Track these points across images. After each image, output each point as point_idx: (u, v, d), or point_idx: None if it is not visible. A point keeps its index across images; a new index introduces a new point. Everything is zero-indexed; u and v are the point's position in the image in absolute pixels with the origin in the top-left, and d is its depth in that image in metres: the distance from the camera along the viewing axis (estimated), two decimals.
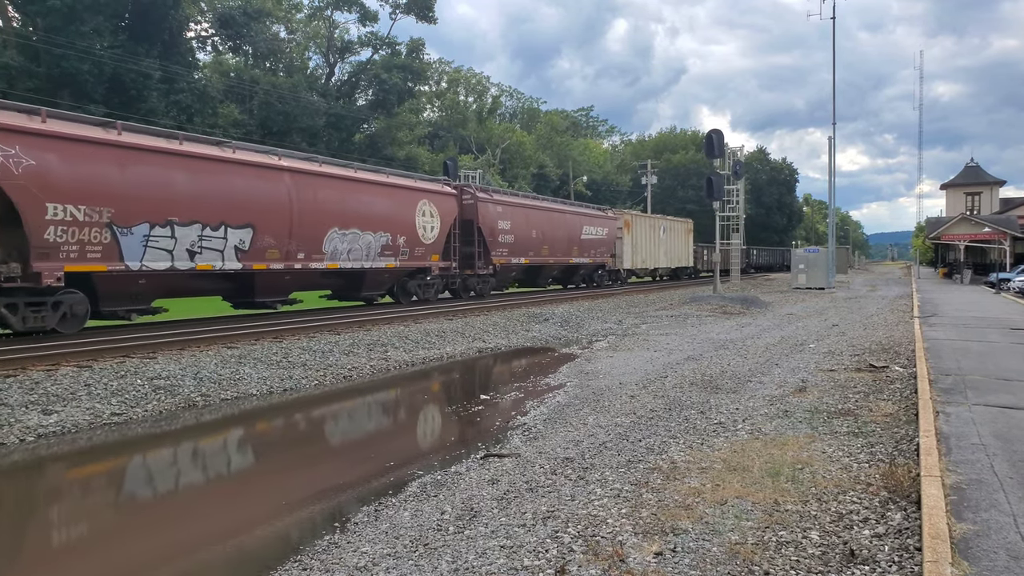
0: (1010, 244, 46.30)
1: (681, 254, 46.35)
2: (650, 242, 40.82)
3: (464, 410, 10.91)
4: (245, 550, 6.06)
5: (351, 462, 8.69)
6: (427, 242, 23.10)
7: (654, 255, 41.54)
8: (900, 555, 4.59)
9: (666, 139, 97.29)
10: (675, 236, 44.96)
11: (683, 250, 46.64)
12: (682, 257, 46.55)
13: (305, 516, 6.73)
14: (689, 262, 48.08)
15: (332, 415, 11.27)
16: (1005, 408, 8.29)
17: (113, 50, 35.76)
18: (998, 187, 67.24)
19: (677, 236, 45.33)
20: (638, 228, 39.32)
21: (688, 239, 47.63)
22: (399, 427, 10.61)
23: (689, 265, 48.37)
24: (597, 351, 16.43)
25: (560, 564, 4.62)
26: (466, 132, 68.34)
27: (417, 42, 52.92)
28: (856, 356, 13.67)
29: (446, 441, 9.37)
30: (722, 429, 8.18)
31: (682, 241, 46.43)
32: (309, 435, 10.01)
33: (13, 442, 8.52)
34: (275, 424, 10.55)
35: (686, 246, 47.25)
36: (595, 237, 34.31)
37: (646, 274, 42.41)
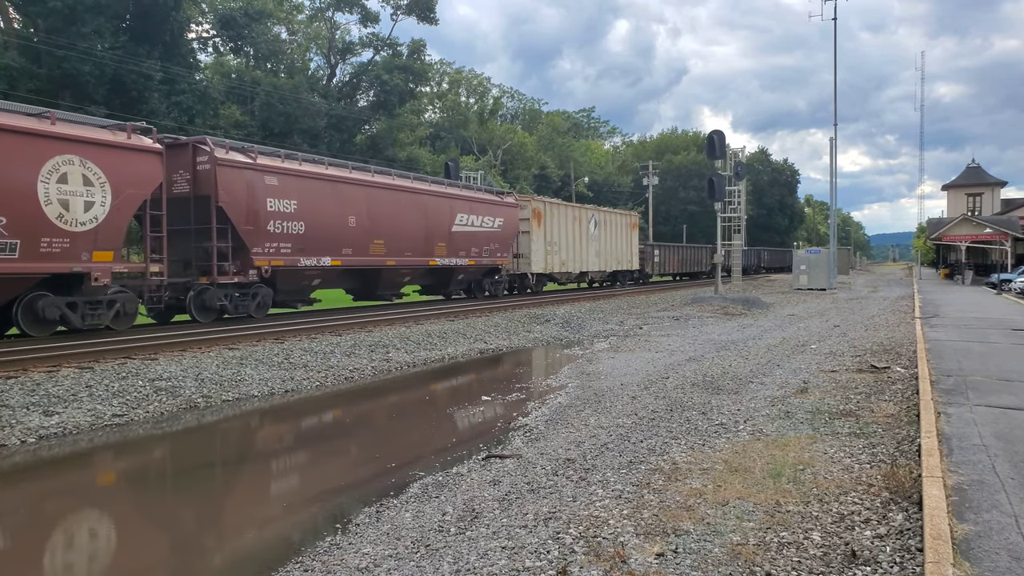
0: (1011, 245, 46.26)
1: (621, 254, 37.63)
2: (574, 239, 32.45)
3: (465, 411, 10.91)
4: (246, 551, 6.06)
5: (352, 463, 8.69)
6: (74, 229, 13.53)
7: (580, 255, 33.08)
8: (902, 556, 4.59)
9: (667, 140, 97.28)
10: (612, 232, 36.39)
11: (624, 249, 37.98)
12: (623, 258, 37.81)
13: (306, 517, 6.74)
14: (633, 264, 39.20)
15: (333, 416, 11.28)
16: (1006, 409, 8.28)
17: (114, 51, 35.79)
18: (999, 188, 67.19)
19: (615, 232, 36.74)
20: (555, 220, 30.98)
21: (631, 236, 39.03)
22: (400, 428, 10.61)
23: (634, 268, 39.70)
24: (598, 352, 16.42)
25: (562, 565, 4.62)
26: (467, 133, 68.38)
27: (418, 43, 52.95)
28: (858, 357, 13.66)
29: (447, 442, 9.36)
30: (723, 430, 8.17)
31: (623, 238, 37.71)
32: (310, 436, 10.01)
33: (14, 443, 8.52)
34: (276, 425, 10.55)
35: (628, 244, 38.50)
36: (481, 230, 25.58)
37: (569, 279, 33.68)
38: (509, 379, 13.67)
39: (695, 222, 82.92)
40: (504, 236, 27.10)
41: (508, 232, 27.33)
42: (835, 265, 41.08)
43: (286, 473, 8.27)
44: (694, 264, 51.58)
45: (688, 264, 50.38)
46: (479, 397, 11.78)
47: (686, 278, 51.59)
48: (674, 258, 48.13)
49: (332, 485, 7.78)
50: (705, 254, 53.78)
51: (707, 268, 51.81)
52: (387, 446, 9.65)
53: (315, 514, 6.80)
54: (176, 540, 6.31)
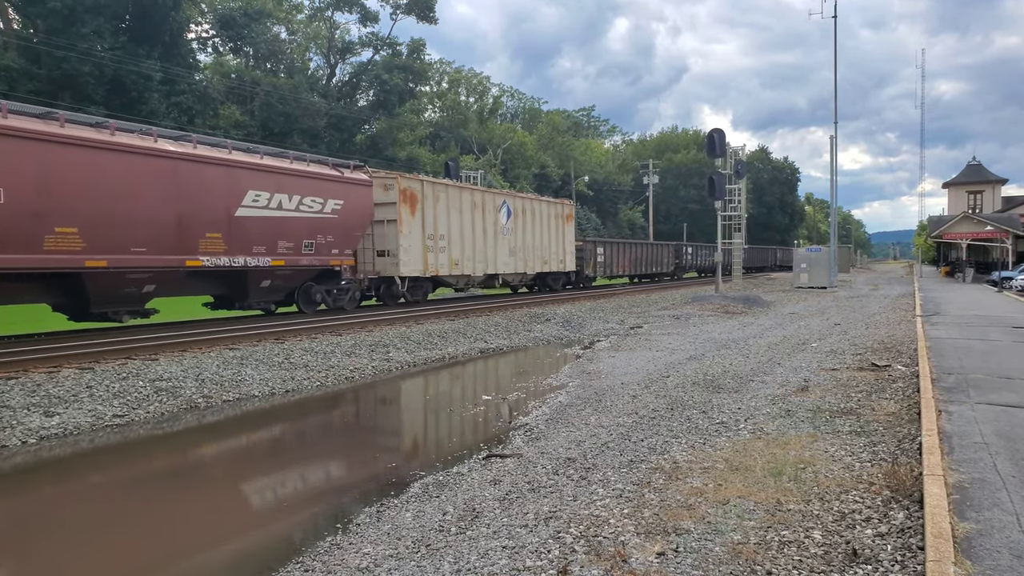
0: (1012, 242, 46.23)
1: (549, 252, 30.10)
2: (474, 232, 25.02)
3: (466, 411, 10.91)
4: (246, 551, 6.06)
5: (353, 463, 8.69)
6: None
7: (485, 253, 25.61)
8: (903, 554, 4.58)
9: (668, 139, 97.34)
10: (535, 225, 28.93)
11: (553, 246, 30.47)
12: (551, 257, 30.30)
13: (307, 517, 6.74)
14: (567, 264, 31.78)
15: (334, 416, 11.27)
16: (1008, 407, 8.27)
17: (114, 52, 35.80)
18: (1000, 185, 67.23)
19: (540, 225, 29.31)
20: (440, 206, 23.26)
21: (564, 230, 31.42)
22: (401, 428, 10.61)
23: (568, 270, 32.22)
24: (599, 351, 16.42)
25: (562, 564, 4.61)
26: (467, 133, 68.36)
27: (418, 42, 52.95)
28: (858, 355, 13.65)
29: (448, 441, 9.36)
30: (724, 429, 8.17)
31: (551, 233, 30.39)
32: (311, 436, 10.01)
33: (15, 444, 8.53)
34: (277, 425, 10.55)
35: (560, 240, 31.04)
36: (297, 216, 17.77)
37: (471, 284, 26.39)
38: (509, 378, 13.66)
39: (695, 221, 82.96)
40: (344, 225, 19.06)
41: (352, 220, 19.34)
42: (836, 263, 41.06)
43: (287, 473, 8.27)
44: (653, 264, 44.01)
45: (644, 264, 42.50)
46: (480, 396, 11.77)
47: (645, 280, 44.76)
48: (624, 257, 39.61)
49: (333, 485, 7.78)
50: (667, 253, 46.53)
51: (670, 269, 46.37)
52: (388, 446, 9.66)
53: (315, 514, 6.80)
54: (176, 540, 6.31)
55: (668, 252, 46.62)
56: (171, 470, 8.53)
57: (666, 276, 46.61)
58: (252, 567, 5.53)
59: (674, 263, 47.25)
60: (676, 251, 48.53)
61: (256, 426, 10.47)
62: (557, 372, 13.78)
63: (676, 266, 47.69)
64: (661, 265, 45.16)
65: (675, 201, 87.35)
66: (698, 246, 54.36)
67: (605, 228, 73.65)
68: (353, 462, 8.74)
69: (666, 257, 46.07)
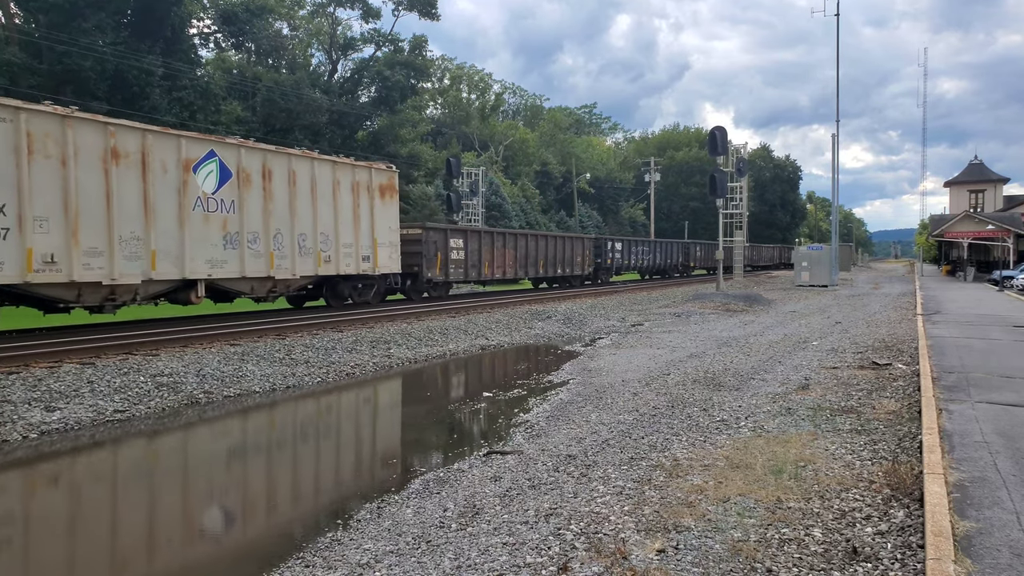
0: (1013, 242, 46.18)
1: (339, 244, 19.82)
2: (113, 202, 14.17)
3: (467, 407, 10.92)
4: (247, 547, 6.06)
5: (353, 459, 8.70)
6: None
7: (149, 242, 14.93)
8: (903, 553, 4.58)
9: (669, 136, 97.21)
10: (303, 198, 18.67)
11: (348, 234, 20.14)
12: (352, 250, 20.29)
13: (307, 512, 6.75)
14: (380, 263, 21.37)
15: (335, 412, 11.28)
16: (1008, 406, 8.27)
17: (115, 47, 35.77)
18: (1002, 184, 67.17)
19: (314, 199, 19.02)
20: (73, 156, 13.37)
21: (379, 210, 21.26)
22: (402, 424, 10.61)
23: (385, 271, 21.75)
24: (600, 348, 16.42)
25: (563, 561, 4.62)
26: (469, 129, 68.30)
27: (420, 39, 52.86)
28: (859, 354, 13.65)
29: (449, 438, 9.37)
30: (725, 426, 8.17)
31: (344, 213, 19.98)
32: (311, 432, 10.02)
33: (16, 439, 8.54)
34: (278, 421, 10.56)
35: (368, 225, 20.84)
36: None
37: (115, 299, 14.61)
38: (510, 375, 13.67)
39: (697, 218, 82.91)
40: None
41: None
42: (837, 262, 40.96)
43: (287, 469, 8.28)
44: (556, 265, 33.00)
45: (538, 264, 31.48)
46: (480, 393, 11.78)
47: (542, 285, 35.11)
48: (504, 254, 28.96)
49: (333, 480, 7.79)
50: (582, 248, 35.88)
51: (587, 270, 36.25)
52: (388, 442, 9.67)
53: (316, 509, 6.81)
54: (177, 535, 6.32)
55: (584, 248, 36.18)
56: (172, 465, 8.54)
57: (578, 280, 36.18)
58: (253, 562, 5.53)
59: (593, 263, 37.19)
60: (597, 247, 38.04)
61: (257, 422, 10.47)
62: (558, 369, 13.78)
63: (597, 267, 37.78)
64: (571, 265, 34.61)
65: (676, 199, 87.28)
66: (632, 241, 43.45)
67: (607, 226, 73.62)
68: (353, 458, 8.75)
69: (580, 253, 35.61)
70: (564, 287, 34.69)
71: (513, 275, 29.83)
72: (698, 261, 53.02)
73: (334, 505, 6.88)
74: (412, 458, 8.64)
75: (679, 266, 49.55)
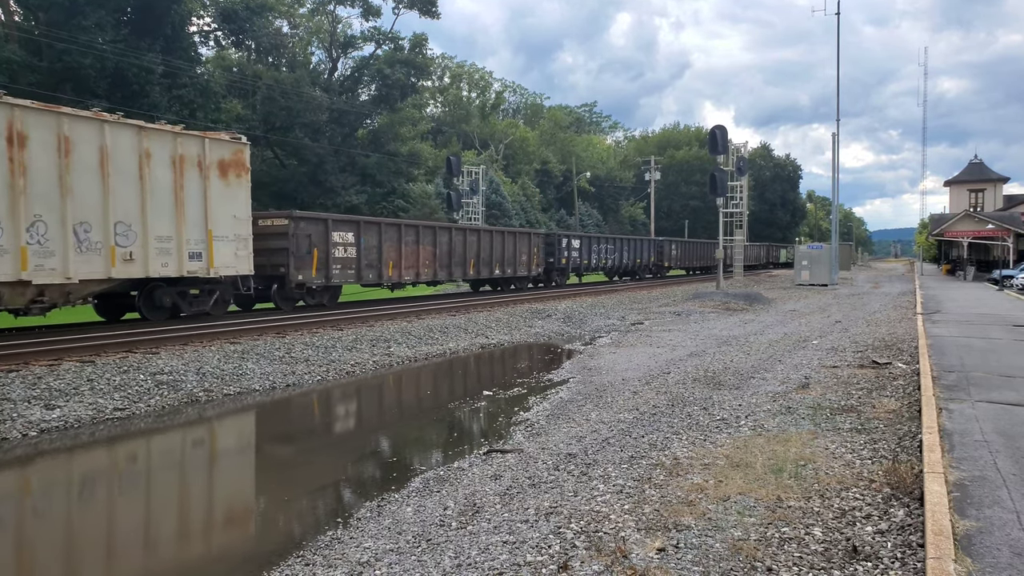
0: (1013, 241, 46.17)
1: (148, 237, 14.82)
2: None
3: (467, 406, 10.92)
4: (247, 545, 6.07)
5: (353, 457, 8.70)
6: None
7: None
8: (903, 552, 4.58)
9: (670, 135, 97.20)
10: (111, 174, 14.03)
11: (165, 225, 15.22)
12: (164, 243, 15.19)
13: (307, 511, 6.75)
14: (219, 264, 16.37)
15: (335, 410, 11.28)
16: (1008, 405, 8.27)
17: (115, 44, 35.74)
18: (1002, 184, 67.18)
19: (126, 174, 14.41)
20: None
21: (212, 188, 16.20)
22: (401, 423, 10.61)
23: (225, 273, 16.63)
24: (600, 347, 16.42)
25: (563, 560, 4.62)
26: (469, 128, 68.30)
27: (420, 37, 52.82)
28: (859, 352, 13.65)
29: (449, 437, 9.37)
30: (725, 425, 8.17)
31: (155, 190, 14.96)
32: (311, 430, 10.02)
33: (16, 437, 8.53)
34: (277, 419, 10.56)
35: (199, 214, 15.93)
36: None
37: None
38: (510, 374, 13.67)
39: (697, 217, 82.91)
40: None
41: None
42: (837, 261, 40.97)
43: (287, 467, 8.28)
44: (493, 265, 28.37)
45: (466, 265, 26.47)
46: (480, 392, 11.78)
47: (484, 288, 31.04)
48: (415, 251, 23.48)
49: (333, 479, 7.79)
50: (528, 246, 30.80)
51: (536, 271, 31.36)
52: (388, 440, 9.67)
53: (316, 508, 6.81)
54: (176, 533, 6.32)
55: (529, 247, 30.80)
56: (172, 463, 8.54)
57: (525, 282, 31.61)
58: (253, 560, 5.53)
59: (544, 263, 32.29)
60: (549, 245, 33.00)
61: (256, 420, 10.48)
62: (558, 368, 13.79)
63: (550, 267, 33.07)
64: (513, 266, 29.56)
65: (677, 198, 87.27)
66: (594, 238, 38.16)
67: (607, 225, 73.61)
68: (353, 457, 8.75)
69: (525, 253, 30.40)
70: (507, 291, 29.84)
71: (431, 277, 24.48)
72: (674, 261, 48.09)
73: (334, 503, 6.88)
74: (412, 456, 8.64)
75: (651, 266, 44.90)
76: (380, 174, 49.06)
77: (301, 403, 11.27)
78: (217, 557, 5.87)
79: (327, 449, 9.10)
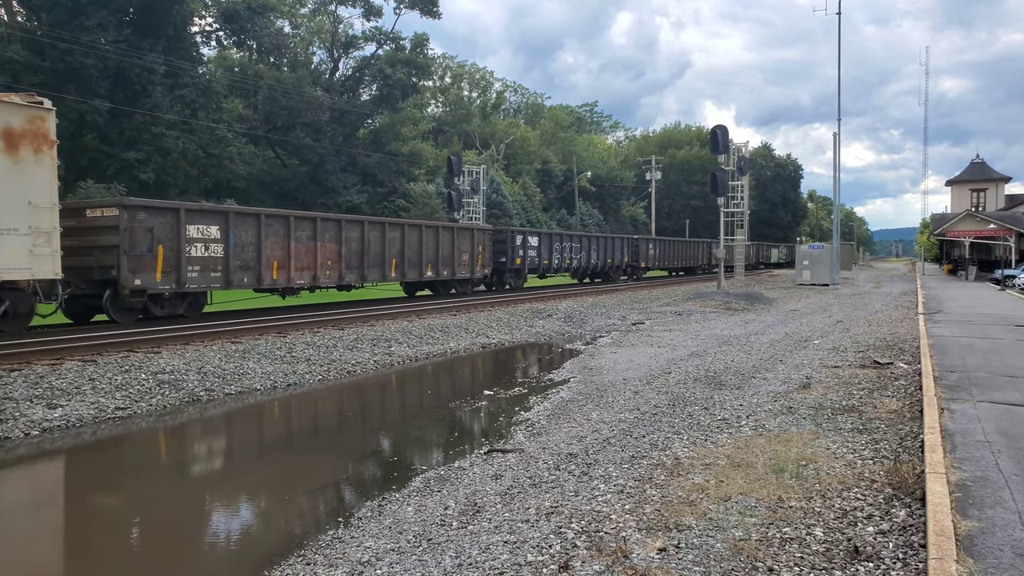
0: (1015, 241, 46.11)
1: None
2: None
3: (467, 405, 10.92)
4: (248, 544, 6.07)
5: (354, 457, 8.70)
6: None
7: None
8: (905, 552, 4.58)
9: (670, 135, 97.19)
10: None
11: None
12: None
13: (308, 510, 6.75)
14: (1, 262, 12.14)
15: (335, 410, 11.28)
16: (1010, 405, 8.26)
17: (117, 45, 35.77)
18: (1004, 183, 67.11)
19: None
20: None
21: None
22: (402, 422, 10.61)
23: (35, 277, 12.84)
24: (601, 347, 16.41)
25: (563, 560, 4.62)
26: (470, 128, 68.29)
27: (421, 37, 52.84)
28: (860, 352, 13.64)
29: (449, 436, 9.37)
30: (726, 425, 8.16)
31: None
32: (312, 430, 10.03)
33: (18, 436, 8.54)
34: (279, 419, 10.56)
35: None
36: None
37: None
38: (511, 373, 13.66)
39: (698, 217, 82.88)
40: None
41: None
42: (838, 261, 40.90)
43: (288, 466, 8.28)
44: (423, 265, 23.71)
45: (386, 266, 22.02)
46: (481, 391, 11.77)
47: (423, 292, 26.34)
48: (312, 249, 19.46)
49: (334, 478, 7.79)
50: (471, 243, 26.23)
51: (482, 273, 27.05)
52: (389, 440, 9.67)
53: (317, 507, 6.81)
54: (177, 532, 6.32)
55: (472, 244, 26.36)
56: (173, 462, 8.55)
57: (467, 285, 27.06)
58: (254, 560, 5.53)
59: (492, 263, 27.87)
60: (499, 242, 28.65)
61: (258, 419, 10.48)
62: (559, 367, 13.78)
63: (500, 268, 28.87)
64: (451, 266, 25.08)
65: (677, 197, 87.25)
66: (555, 235, 33.40)
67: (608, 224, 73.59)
68: (354, 456, 8.75)
69: (467, 252, 26.10)
70: (447, 296, 25.19)
71: (336, 280, 20.24)
72: (653, 261, 43.73)
73: (335, 502, 6.89)
74: (413, 456, 8.64)
75: (626, 267, 40.46)
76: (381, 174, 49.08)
77: (302, 402, 11.28)
78: (218, 556, 5.87)
79: (328, 448, 9.10)
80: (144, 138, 36.05)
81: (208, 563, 5.74)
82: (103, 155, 36.14)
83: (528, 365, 14.73)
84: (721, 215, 35.21)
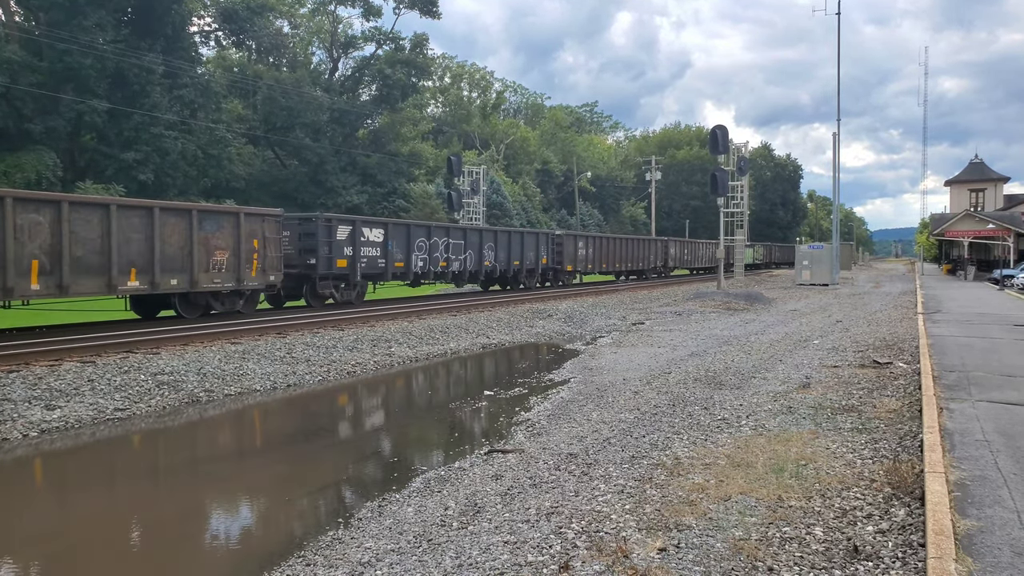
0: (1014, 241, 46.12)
1: None
2: None
3: (468, 406, 10.92)
4: (248, 544, 6.07)
5: (354, 457, 8.70)
6: None
7: None
8: (904, 551, 4.58)
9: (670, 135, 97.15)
10: None
11: None
12: None
13: (308, 511, 6.75)
14: None
15: (335, 410, 11.28)
16: (1009, 404, 8.27)
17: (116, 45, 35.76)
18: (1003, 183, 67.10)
19: None
20: None
21: None
22: (402, 423, 10.62)
23: None
24: (601, 347, 16.41)
25: (564, 560, 4.62)
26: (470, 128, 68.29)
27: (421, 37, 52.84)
28: (860, 352, 13.65)
29: (450, 437, 9.38)
30: (726, 425, 8.17)
31: None
32: (312, 430, 10.02)
33: (16, 437, 8.53)
34: (278, 419, 10.56)
35: None
36: None
37: None
38: (511, 374, 13.67)
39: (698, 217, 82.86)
40: None
41: None
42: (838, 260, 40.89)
43: (287, 467, 8.28)
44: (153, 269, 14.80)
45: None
46: (481, 392, 11.78)
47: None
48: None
49: (334, 478, 7.79)
50: (234, 234, 16.65)
51: (268, 280, 17.74)
52: (389, 440, 9.67)
53: (317, 507, 6.82)
54: (177, 533, 6.32)
55: (261, 237, 17.68)
56: (172, 464, 8.55)
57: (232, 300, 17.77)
58: (254, 560, 5.54)
59: (303, 263, 19.81)
60: (306, 235, 19.94)
61: (257, 420, 10.48)
62: (559, 367, 13.78)
63: (307, 271, 19.89)
64: (207, 269, 16.23)
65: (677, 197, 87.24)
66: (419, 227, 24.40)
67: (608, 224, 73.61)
68: (354, 456, 8.75)
69: (244, 248, 17.09)
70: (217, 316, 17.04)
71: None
72: (584, 263, 34.02)
73: (335, 503, 6.89)
74: (413, 456, 8.64)
75: (545, 271, 31.74)
76: (381, 174, 49.08)
77: (302, 403, 11.28)
78: (218, 556, 5.87)
79: (328, 449, 9.10)
80: (143, 138, 36.03)
81: (208, 564, 5.74)
82: (102, 155, 36.13)
83: (528, 365, 14.73)
84: (721, 215, 35.24)
